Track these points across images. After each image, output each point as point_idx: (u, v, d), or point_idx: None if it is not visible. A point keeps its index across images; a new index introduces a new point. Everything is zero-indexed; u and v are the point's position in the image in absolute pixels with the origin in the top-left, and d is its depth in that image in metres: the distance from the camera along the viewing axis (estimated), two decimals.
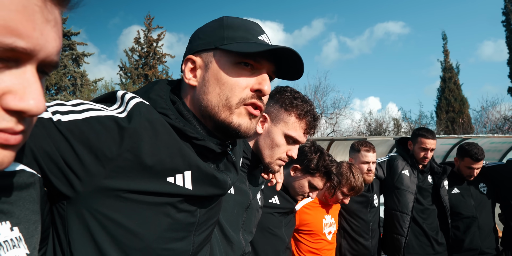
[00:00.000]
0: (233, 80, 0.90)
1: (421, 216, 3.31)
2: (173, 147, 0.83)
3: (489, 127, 21.51)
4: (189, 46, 0.97)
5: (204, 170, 0.88)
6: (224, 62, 0.91)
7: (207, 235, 1.00)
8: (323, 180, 2.04)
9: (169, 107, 0.87)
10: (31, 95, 0.45)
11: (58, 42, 0.49)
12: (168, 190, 0.82)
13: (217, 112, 0.90)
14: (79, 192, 0.74)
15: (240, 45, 0.89)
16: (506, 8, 23.80)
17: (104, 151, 0.74)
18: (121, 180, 0.77)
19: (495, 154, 7.85)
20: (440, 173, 3.45)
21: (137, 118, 0.78)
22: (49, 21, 0.47)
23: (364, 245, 2.92)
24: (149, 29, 26.44)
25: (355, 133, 22.51)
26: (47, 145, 0.70)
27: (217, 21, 0.96)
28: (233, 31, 0.92)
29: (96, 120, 0.75)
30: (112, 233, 0.77)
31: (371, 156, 3.00)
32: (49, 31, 0.47)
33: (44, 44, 0.46)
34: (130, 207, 0.79)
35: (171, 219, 0.85)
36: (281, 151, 1.47)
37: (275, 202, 1.87)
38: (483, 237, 3.39)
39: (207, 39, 0.93)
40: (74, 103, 0.79)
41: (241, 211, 1.39)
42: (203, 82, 0.91)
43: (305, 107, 1.54)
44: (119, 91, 0.86)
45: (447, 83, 23.97)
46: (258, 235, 1.64)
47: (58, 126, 0.71)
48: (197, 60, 0.93)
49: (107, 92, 0.90)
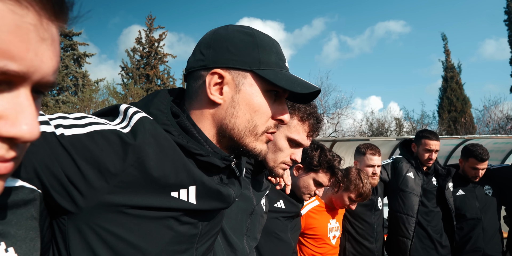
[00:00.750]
0: (264, 108, 0.90)
1: (425, 218, 3.29)
2: (178, 163, 0.81)
3: (491, 126, 21.46)
4: (213, 55, 0.90)
5: (208, 185, 0.86)
6: (257, 88, 0.89)
7: (210, 245, 0.99)
8: (327, 175, 2.02)
9: (171, 122, 0.85)
10: (24, 120, 0.42)
11: (55, 61, 0.45)
12: (171, 205, 0.81)
13: (242, 137, 0.90)
14: (81, 207, 0.72)
15: (280, 77, 0.89)
16: (509, 7, 23.72)
17: (108, 166, 0.72)
18: (124, 195, 0.75)
19: (498, 155, 7.81)
20: (444, 175, 3.44)
21: (142, 133, 0.76)
22: (45, 39, 0.43)
23: (369, 248, 2.90)
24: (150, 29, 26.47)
25: (357, 132, 22.49)
26: (50, 161, 0.68)
27: (247, 34, 0.91)
28: (267, 54, 0.90)
29: (99, 135, 0.73)
30: (113, 248, 0.75)
31: (376, 160, 2.99)
32: (44, 51, 0.43)
33: (39, 65, 0.43)
34: (132, 221, 0.77)
35: (174, 232, 0.83)
36: (285, 155, 1.45)
37: (281, 206, 1.85)
38: (487, 239, 3.36)
39: (241, 57, 0.89)
40: (77, 116, 0.77)
41: (245, 218, 1.36)
42: (232, 104, 0.89)
43: (308, 109, 1.51)
44: (122, 105, 0.84)
45: (449, 82, 23.94)
46: (264, 240, 1.62)
47: (61, 141, 0.70)
48: (227, 77, 0.88)
49: (109, 92, 0.86)
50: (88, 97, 21.55)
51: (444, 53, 25.17)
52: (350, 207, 2.55)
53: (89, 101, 21.13)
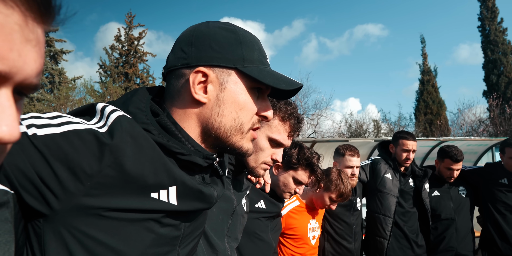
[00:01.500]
0: (250, 106, 0.89)
1: (402, 219, 3.35)
2: (157, 162, 0.78)
3: (465, 129, 22.11)
4: (195, 53, 0.87)
5: (190, 185, 0.84)
6: (242, 86, 0.88)
7: (193, 247, 0.96)
8: (306, 173, 2.03)
9: (150, 121, 0.82)
10: (3, 121, 0.41)
11: (39, 63, 0.44)
12: (152, 206, 0.78)
13: (228, 136, 0.89)
14: (56, 210, 0.69)
15: (264, 74, 0.88)
16: (482, 14, 24.55)
17: (83, 167, 0.69)
18: (101, 198, 0.72)
19: (472, 156, 8.05)
20: (421, 176, 3.52)
21: (119, 133, 0.73)
22: (30, 40, 0.42)
23: (348, 248, 2.93)
24: (130, 27, 26.06)
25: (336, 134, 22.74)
26: (21, 162, 0.65)
27: (229, 31, 0.89)
28: (250, 51, 0.89)
29: (74, 134, 0.70)
30: (92, 251, 0.72)
31: (355, 161, 3.03)
32: (28, 52, 0.42)
33: (22, 66, 0.41)
34: (111, 224, 0.74)
35: (155, 235, 0.80)
36: (266, 155, 1.44)
37: (261, 206, 1.84)
38: (460, 239, 3.46)
39: (225, 54, 0.86)
40: (51, 115, 0.73)
41: (226, 218, 1.35)
42: (217, 103, 0.87)
43: (289, 109, 1.51)
44: (98, 104, 0.80)
45: (425, 85, 24.52)
46: (245, 241, 1.60)
47: (33, 141, 0.66)
48: (211, 75, 0.86)
49: (86, 90, 0.83)
50: (65, 95, 21.03)
51: (421, 56, 25.79)
52: (331, 207, 2.57)
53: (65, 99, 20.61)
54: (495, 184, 3.45)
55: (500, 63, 23.42)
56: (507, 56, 23.37)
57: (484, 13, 24.44)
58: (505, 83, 22.96)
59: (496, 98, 21.27)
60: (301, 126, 1.59)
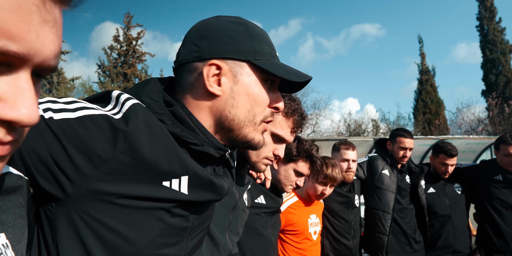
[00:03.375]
0: (263, 97, 0.90)
1: (399, 215, 3.38)
2: (171, 151, 0.79)
3: (464, 128, 22.14)
4: (208, 46, 0.88)
5: (201, 176, 0.85)
6: (255, 78, 0.89)
7: (200, 239, 0.97)
8: (307, 164, 2.04)
9: (164, 111, 0.83)
10: (23, 104, 0.41)
11: (57, 45, 0.44)
12: (163, 195, 0.79)
13: (241, 127, 0.90)
14: (69, 194, 0.70)
15: (276, 67, 0.89)
16: (480, 14, 24.58)
17: (98, 152, 0.70)
18: (114, 183, 0.73)
19: (470, 155, 8.08)
20: (417, 173, 3.55)
21: (134, 120, 0.74)
22: (47, 21, 0.41)
23: (346, 245, 2.95)
24: (128, 27, 26.03)
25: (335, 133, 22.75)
26: (37, 145, 0.66)
27: (240, 24, 0.91)
28: (260, 44, 0.90)
29: (90, 119, 0.71)
30: (103, 238, 0.74)
31: (350, 154, 3.02)
32: (46, 33, 0.41)
33: (40, 47, 0.41)
34: (123, 211, 0.75)
35: (165, 224, 0.82)
36: (268, 150, 1.45)
37: (261, 201, 1.86)
38: (456, 235, 3.49)
39: (237, 47, 0.87)
40: (67, 100, 0.74)
41: (228, 212, 1.37)
42: (232, 95, 0.88)
43: (293, 105, 1.52)
44: (114, 91, 0.81)
45: (424, 85, 24.53)
46: (245, 236, 1.62)
47: (50, 125, 0.67)
48: (224, 67, 0.87)
49: (85, 90, 0.84)
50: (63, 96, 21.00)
51: (419, 56, 25.79)
52: (324, 192, 2.54)
53: None
54: (490, 181, 3.48)
55: (499, 62, 23.45)
56: (506, 55, 23.40)
57: (483, 12, 24.47)
58: (503, 83, 22.99)
59: (495, 97, 21.30)
60: (305, 122, 1.60)
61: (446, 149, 3.43)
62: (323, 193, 2.54)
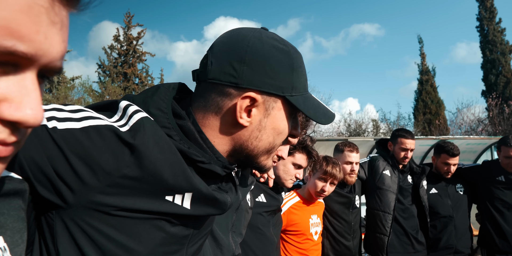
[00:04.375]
0: (286, 131, 0.90)
1: (401, 215, 3.37)
2: (177, 168, 0.77)
3: (464, 128, 22.15)
4: (248, 74, 0.81)
5: (205, 193, 0.83)
6: (285, 113, 0.88)
7: (200, 245, 0.96)
8: (304, 155, 2.06)
9: (172, 126, 0.79)
10: (28, 105, 0.41)
11: (63, 47, 0.44)
12: (164, 209, 0.78)
13: (258, 155, 0.90)
14: (70, 203, 0.69)
15: (308, 106, 0.88)
16: (480, 14, 24.60)
17: (102, 164, 0.68)
18: (115, 197, 0.71)
19: (471, 155, 8.09)
20: (419, 173, 3.54)
21: (141, 134, 0.72)
22: (55, 23, 0.42)
23: (346, 245, 2.96)
24: (128, 27, 26.04)
25: (335, 133, 22.76)
26: (37, 154, 0.65)
27: (284, 53, 0.85)
28: (298, 78, 0.87)
29: (95, 130, 0.69)
30: (101, 247, 0.72)
31: (354, 157, 3.04)
32: (54, 35, 0.42)
33: (48, 48, 0.41)
34: (122, 222, 0.74)
35: (165, 233, 0.80)
36: None
37: (262, 200, 1.87)
38: (458, 236, 3.48)
39: (278, 81, 0.83)
40: (72, 109, 0.72)
41: (231, 213, 1.37)
42: (258, 127, 0.86)
43: None
44: (122, 102, 0.78)
45: (424, 85, 24.55)
46: (247, 236, 1.63)
47: (53, 134, 0.66)
48: (259, 100, 0.83)
49: (85, 90, 0.83)
50: (63, 95, 20.99)
51: (420, 56, 25.81)
52: (323, 189, 2.53)
53: (64, 99, 20.57)
54: (492, 182, 3.48)
55: (499, 63, 23.47)
56: (506, 56, 23.42)
57: (483, 13, 24.49)
58: (503, 83, 23.01)
59: (495, 97, 21.32)
60: (309, 124, 1.60)
61: (448, 149, 3.42)
62: (322, 190, 2.54)
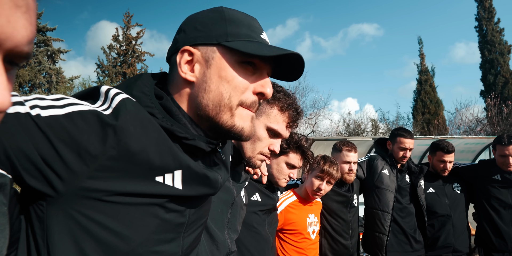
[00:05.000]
0: (238, 79, 0.85)
1: (399, 214, 3.37)
2: (163, 145, 0.78)
3: (462, 128, 22.16)
4: (183, 36, 0.89)
5: (195, 170, 0.83)
6: (228, 60, 0.85)
7: (197, 236, 0.95)
8: (298, 155, 2.04)
9: (154, 105, 0.81)
10: None
11: (30, 31, 0.42)
12: (156, 190, 0.77)
13: (218, 113, 0.85)
14: (60, 192, 0.69)
15: (248, 45, 0.84)
16: (479, 14, 24.61)
17: (88, 148, 0.69)
18: (105, 180, 0.71)
19: (469, 155, 8.09)
20: (417, 173, 3.55)
21: (123, 114, 0.72)
22: (19, 7, 0.40)
23: (344, 244, 2.95)
24: (128, 27, 26.01)
25: (334, 133, 22.76)
26: (23, 143, 0.64)
27: (215, 11, 0.89)
28: (236, 27, 0.86)
29: (79, 115, 0.69)
30: (96, 236, 0.72)
31: (352, 156, 3.04)
32: (18, 18, 0.40)
33: (12, 32, 0.40)
34: (116, 208, 0.73)
35: (159, 220, 0.80)
36: (263, 145, 1.44)
37: (257, 199, 1.86)
38: (456, 235, 3.49)
39: (208, 32, 0.86)
40: (55, 97, 0.72)
41: (226, 209, 1.36)
42: (204, 79, 0.85)
43: (288, 100, 1.52)
44: (102, 87, 0.79)
45: (423, 85, 24.57)
46: (243, 234, 1.62)
47: (37, 122, 0.66)
48: (196, 53, 0.86)
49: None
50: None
51: (419, 56, 25.84)
52: (320, 187, 2.53)
53: None
54: (489, 181, 3.49)
55: (497, 63, 23.48)
56: (504, 56, 23.43)
57: (481, 13, 24.50)
58: (502, 83, 23.03)
59: (494, 97, 21.33)
60: (300, 117, 1.59)
61: (442, 146, 3.45)
62: (319, 188, 2.53)
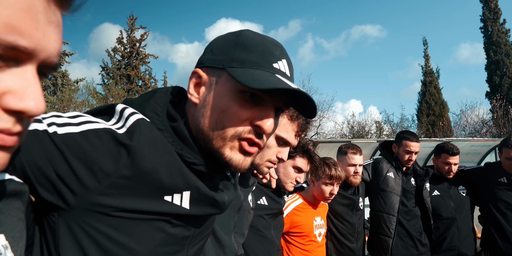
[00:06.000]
0: (234, 109, 0.80)
1: (405, 217, 3.36)
2: (173, 167, 0.79)
3: (468, 130, 22.04)
4: (201, 57, 0.89)
5: (204, 192, 0.85)
6: (228, 87, 0.81)
7: (201, 246, 0.97)
8: (305, 159, 2.05)
9: (165, 128, 0.81)
10: (31, 95, 0.44)
11: (59, 44, 0.48)
12: (164, 209, 0.79)
13: (212, 139, 0.82)
14: (72, 205, 0.72)
15: (246, 73, 0.78)
16: (484, 15, 24.51)
17: (101, 166, 0.71)
18: (115, 198, 0.74)
19: (474, 157, 8.03)
20: (422, 175, 3.53)
21: (137, 135, 0.75)
22: (52, 22, 0.46)
23: (350, 247, 2.95)
24: (132, 29, 26.15)
25: (338, 135, 22.72)
26: (40, 158, 0.67)
27: (235, 34, 0.87)
28: (246, 52, 0.82)
29: (94, 134, 0.72)
30: (103, 248, 0.74)
31: (357, 159, 3.04)
32: (51, 32, 0.46)
33: (46, 45, 0.45)
34: (123, 223, 0.76)
35: (165, 234, 0.82)
36: (271, 153, 1.46)
37: (264, 203, 1.87)
38: (462, 238, 3.47)
39: (218, 56, 0.84)
40: (71, 115, 0.76)
41: (233, 214, 1.38)
42: (204, 103, 0.84)
43: None
44: (118, 105, 0.81)
45: (427, 87, 24.47)
46: (248, 238, 1.63)
47: (54, 139, 0.69)
48: (204, 76, 0.86)
49: (89, 92, 0.85)
50: (68, 97, 21.10)
51: (423, 57, 25.76)
52: (332, 193, 2.55)
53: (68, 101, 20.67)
54: (494, 183, 3.46)
55: (503, 64, 23.35)
56: (510, 57, 23.29)
57: (487, 14, 24.40)
58: (508, 84, 22.89)
59: (500, 99, 21.21)
60: (309, 126, 1.61)
61: (447, 148, 3.44)
62: (331, 193, 2.56)
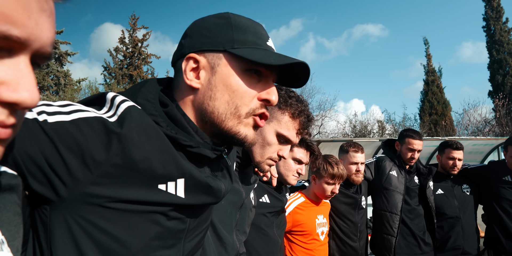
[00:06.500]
0: (243, 88, 0.85)
1: (408, 216, 3.35)
2: (166, 154, 0.78)
3: (470, 129, 21.97)
4: (189, 42, 0.89)
5: (198, 179, 0.84)
6: (234, 67, 0.85)
7: (199, 240, 0.96)
8: (303, 149, 2.03)
9: (159, 113, 0.81)
10: (25, 86, 0.43)
11: (52, 33, 0.47)
12: (159, 198, 0.78)
13: (223, 120, 0.85)
14: (63, 197, 0.70)
15: (255, 53, 0.84)
16: (487, 14, 24.43)
17: (92, 154, 0.70)
18: (108, 187, 0.72)
19: (477, 156, 8.01)
20: (426, 174, 3.52)
21: (128, 122, 0.73)
22: (45, 10, 0.44)
23: (352, 246, 2.94)
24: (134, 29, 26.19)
25: (340, 134, 22.70)
26: (30, 147, 0.66)
27: (221, 17, 0.89)
28: (242, 34, 0.86)
29: (84, 122, 0.70)
30: (97, 241, 0.73)
31: (359, 157, 3.02)
32: (44, 21, 0.44)
33: (39, 34, 0.44)
34: (117, 215, 0.74)
35: (160, 227, 0.80)
36: (272, 151, 1.45)
37: (266, 201, 1.86)
38: (466, 237, 3.45)
39: (214, 38, 0.86)
40: (61, 104, 0.74)
41: (234, 211, 1.36)
42: (209, 86, 0.85)
43: (300, 106, 1.51)
44: (109, 93, 0.80)
45: (430, 86, 24.42)
46: (251, 236, 1.62)
47: (44, 127, 0.67)
48: (201, 60, 0.86)
49: (91, 92, 0.84)
50: (70, 97, 21.15)
51: (425, 57, 25.69)
52: (334, 191, 2.55)
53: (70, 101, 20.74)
54: (499, 182, 3.44)
55: (506, 63, 23.27)
56: None
57: (489, 13, 24.32)
58: (511, 83, 22.81)
59: (502, 98, 21.13)
60: (310, 124, 1.60)
61: (451, 143, 3.47)
62: (333, 192, 2.55)
